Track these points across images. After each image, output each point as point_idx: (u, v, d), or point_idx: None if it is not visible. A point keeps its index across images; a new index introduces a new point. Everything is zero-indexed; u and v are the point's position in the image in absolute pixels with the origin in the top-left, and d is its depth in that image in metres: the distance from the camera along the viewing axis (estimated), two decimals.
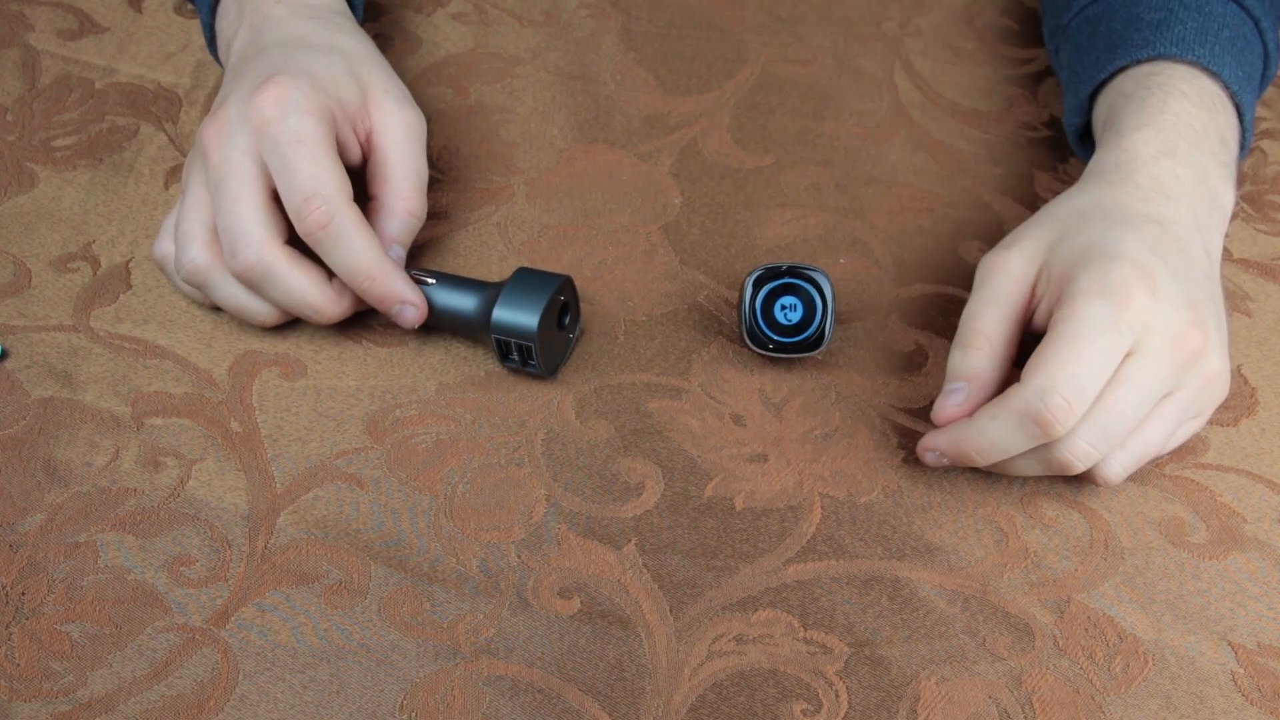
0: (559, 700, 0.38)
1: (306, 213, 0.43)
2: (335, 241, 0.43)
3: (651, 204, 0.54)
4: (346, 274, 0.44)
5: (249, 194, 0.43)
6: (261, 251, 0.43)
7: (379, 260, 0.44)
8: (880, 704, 0.39)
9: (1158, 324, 0.40)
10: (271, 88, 0.44)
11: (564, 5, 0.63)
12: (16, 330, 0.47)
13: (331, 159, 0.44)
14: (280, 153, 0.43)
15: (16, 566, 0.40)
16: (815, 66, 0.61)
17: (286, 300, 0.44)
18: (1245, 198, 0.56)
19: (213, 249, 0.44)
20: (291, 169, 0.43)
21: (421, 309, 0.45)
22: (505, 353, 0.45)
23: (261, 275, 0.43)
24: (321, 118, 0.44)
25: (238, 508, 0.42)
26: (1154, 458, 0.43)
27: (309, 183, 0.43)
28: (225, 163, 0.44)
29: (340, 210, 0.43)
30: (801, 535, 0.43)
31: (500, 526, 0.42)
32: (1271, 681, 0.40)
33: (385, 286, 0.44)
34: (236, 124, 0.44)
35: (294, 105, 0.44)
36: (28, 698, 0.37)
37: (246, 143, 0.44)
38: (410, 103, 0.49)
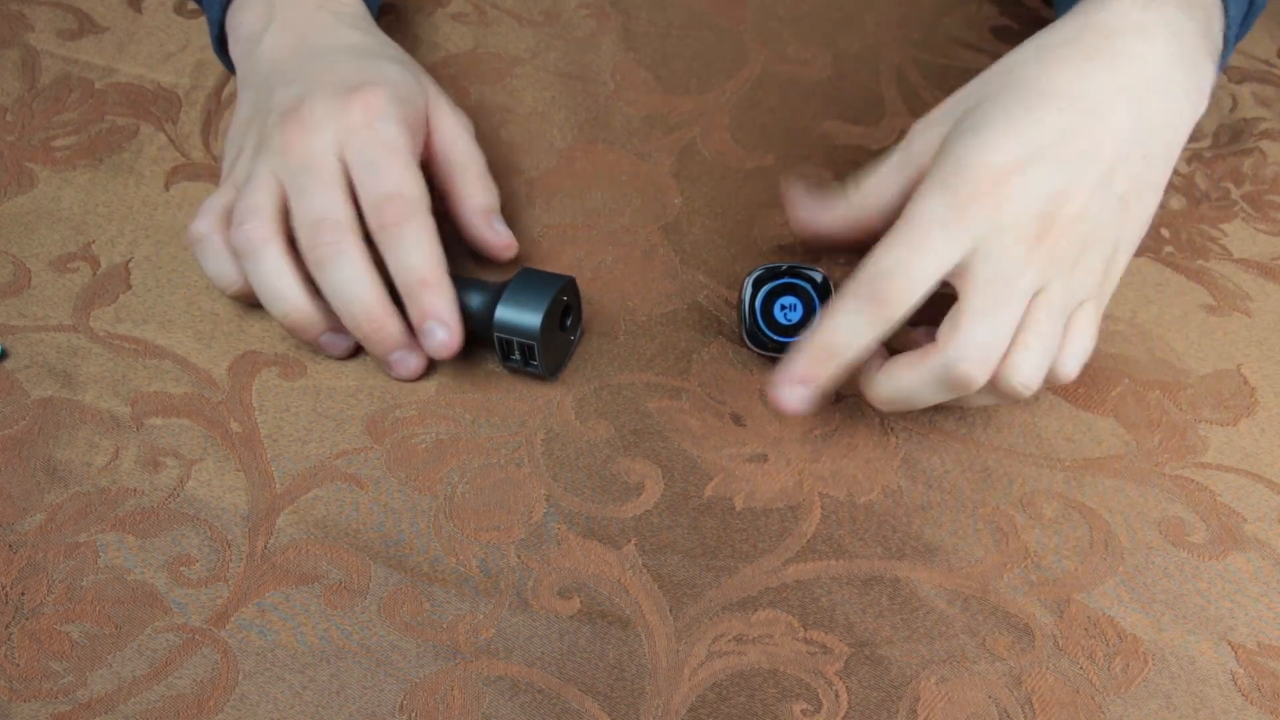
0: (559, 700, 0.38)
1: (387, 207, 0.43)
2: (405, 240, 0.43)
3: (651, 204, 0.54)
4: (404, 275, 0.44)
5: (336, 184, 0.44)
6: (345, 234, 0.43)
7: (439, 271, 0.44)
8: (880, 704, 0.39)
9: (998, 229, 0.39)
10: (363, 94, 0.45)
11: (564, 5, 0.63)
12: (16, 330, 0.47)
13: (417, 170, 0.45)
14: (370, 155, 0.44)
15: (16, 566, 0.40)
16: (815, 66, 0.61)
17: (343, 287, 0.43)
18: (1245, 198, 0.56)
19: (276, 224, 0.44)
20: (380, 170, 0.44)
21: (455, 338, 0.44)
22: (507, 352, 0.45)
23: (334, 255, 0.43)
24: (409, 130, 0.46)
25: (237, 508, 0.42)
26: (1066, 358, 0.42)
27: (395, 184, 0.44)
28: (312, 154, 0.44)
29: (420, 214, 0.44)
30: (801, 535, 0.43)
31: (500, 526, 0.42)
32: (1271, 681, 0.40)
33: (434, 298, 0.43)
34: (325, 123, 0.45)
35: (385, 114, 0.45)
36: (28, 698, 0.37)
37: (333, 140, 0.44)
38: (458, 108, 0.51)
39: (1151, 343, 0.49)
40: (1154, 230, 0.54)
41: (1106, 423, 0.47)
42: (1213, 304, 0.51)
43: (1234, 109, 0.60)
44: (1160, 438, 0.46)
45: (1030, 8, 0.65)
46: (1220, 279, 0.52)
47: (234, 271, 0.46)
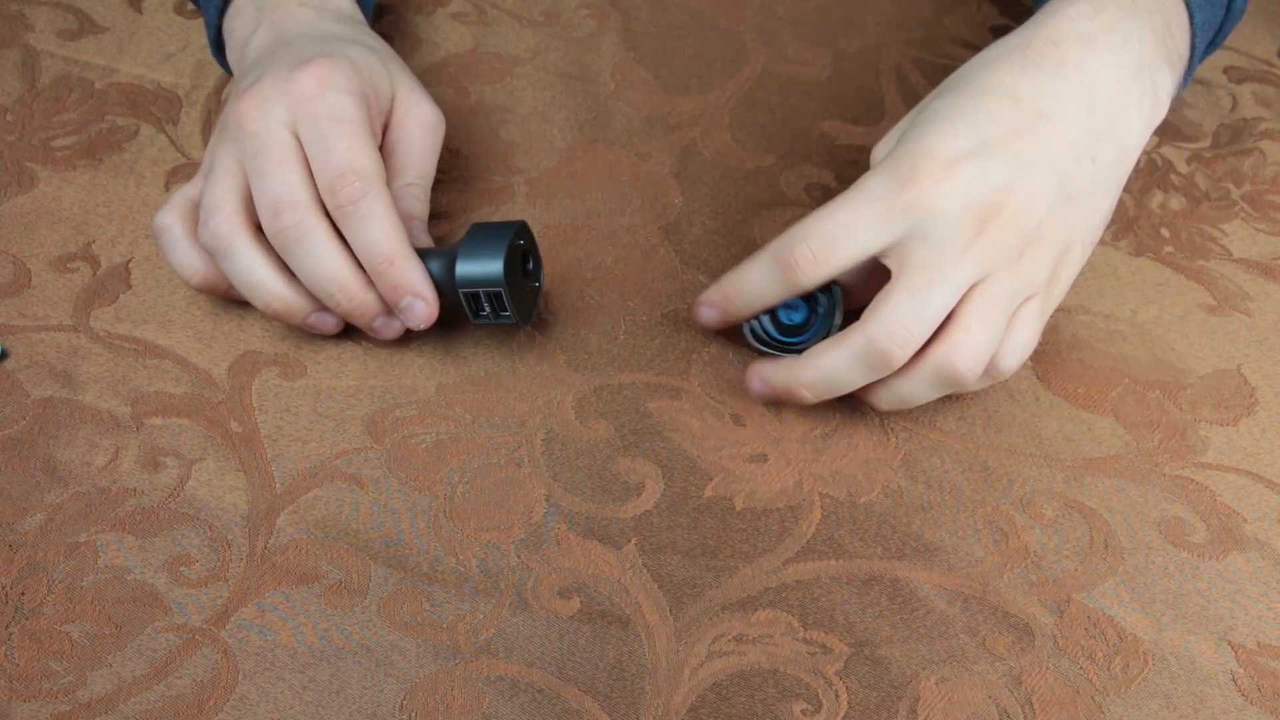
0: (559, 700, 0.38)
1: (340, 187, 0.43)
2: (363, 218, 0.43)
3: (651, 204, 0.54)
4: (367, 254, 0.43)
5: (291, 161, 0.43)
6: (306, 215, 0.43)
7: (402, 245, 0.43)
8: (880, 704, 0.39)
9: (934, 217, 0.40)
10: (313, 66, 0.44)
11: (564, 5, 0.63)
12: (16, 330, 0.47)
13: (368, 140, 0.44)
14: (318, 129, 0.43)
15: (16, 566, 0.40)
16: (815, 66, 0.61)
17: (314, 269, 0.43)
18: (1245, 198, 0.56)
19: (241, 215, 0.44)
20: (329, 145, 0.43)
21: (432, 307, 0.44)
22: (476, 308, 0.44)
23: (299, 238, 0.43)
24: (360, 100, 0.45)
25: (237, 508, 0.42)
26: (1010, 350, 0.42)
27: (346, 159, 0.43)
28: (265, 133, 0.43)
29: (374, 189, 0.43)
30: (801, 535, 0.43)
31: (500, 526, 0.42)
32: (1271, 681, 0.40)
33: (403, 273, 0.43)
34: (274, 99, 0.44)
35: (334, 84, 0.44)
36: (28, 698, 0.37)
37: (285, 116, 0.44)
38: (432, 101, 0.49)
39: (1151, 343, 0.49)
40: (1154, 230, 0.54)
41: (1106, 423, 0.47)
42: (1213, 304, 0.51)
43: (1234, 109, 0.60)
44: (1160, 438, 0.46)
45: (1030, 8, 0.65)
46: (1220, 279, 0.52)
47: (196, 261, 0.45)
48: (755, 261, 0.42)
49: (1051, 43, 0.43)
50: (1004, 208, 0.40)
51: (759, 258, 0.42)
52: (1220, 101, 0.60)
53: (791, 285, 0.41)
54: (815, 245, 0.40)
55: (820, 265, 0.40)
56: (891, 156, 0.41)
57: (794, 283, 0.41)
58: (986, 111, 0.41)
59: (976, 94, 0.42)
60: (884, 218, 0.40)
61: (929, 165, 0.40)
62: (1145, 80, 0.44)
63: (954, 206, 0.40)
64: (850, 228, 0.40)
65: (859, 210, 0.40)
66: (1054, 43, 0.43)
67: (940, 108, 0.42)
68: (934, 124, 0.41)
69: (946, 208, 0.39)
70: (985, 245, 0.40)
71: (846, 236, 0.40)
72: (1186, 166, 0.57)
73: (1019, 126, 0.41)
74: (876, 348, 0.40)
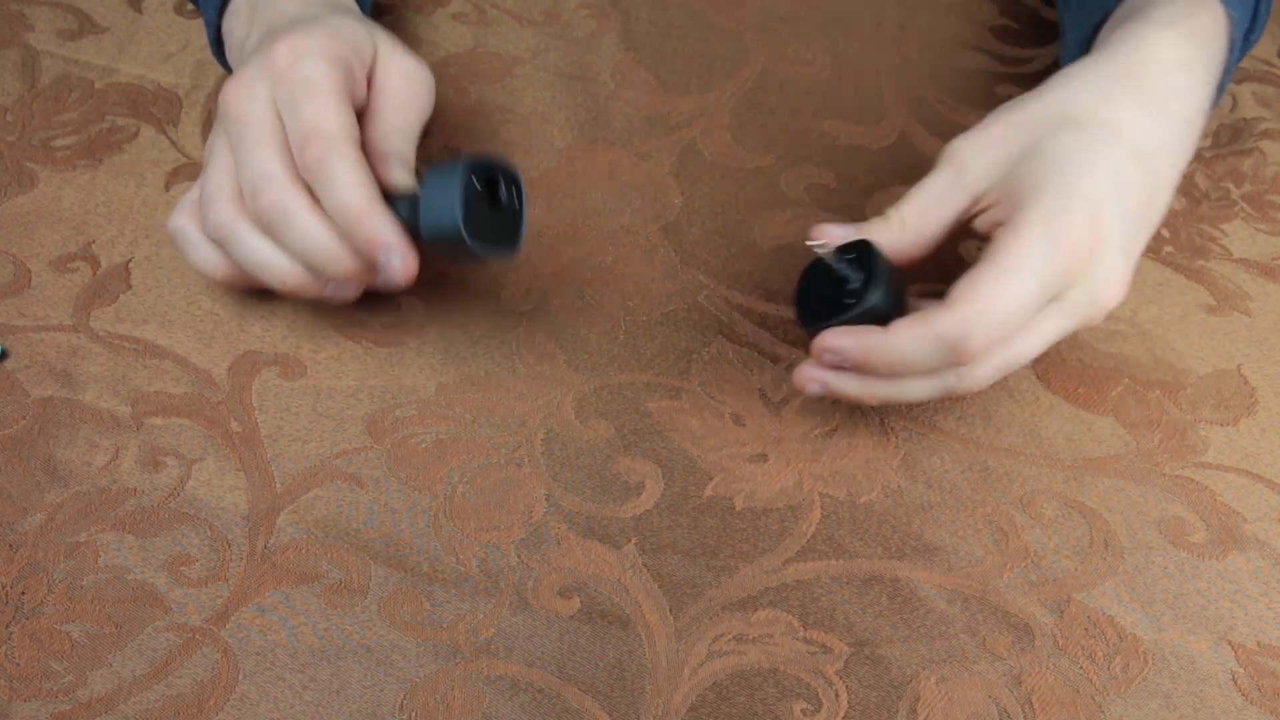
0: (559, 700, 0.38)
1: (306, 147, 0.42)
2: (329, 178, 0.42)
3: (651, 204, 0.54)
4: (338, 215, 0.42)
5: (268, 138, 0.43)
6: (283, 192, 0.42)
7: (370, 202, 0.42)
8: (880, 704, 0.39)
9: (1087, 280, 0.40)
10: (288, 38, 0.44)
11: (564, 5, 0.63)
12: (16, 330, 0.47)
13: (338, 101, 0.43)
14: (289, 95, 0.43)
15: (16, 566, 0.40)
16: (815, 66, 0.61)
17: (304, 246, 0.43)
18: (1245, 198, 0.56)
19: (238, 203, 0.43)
20: (297, 110, 0.42)
21: (410, 263, 0.42)
22: (454, 258, 0.43)
23: (281, 216, 0.42)
24: (335, 64, 0.44)
25: (238, 507, 0.42)
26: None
27: (310, 120, 0.42)
28: (244, 114, 0.43)
29: (338, 147, 0.42)
30: (801, 535, 0.43)
31: (500, 526, 0.42)
32: (1271, 681, 0.40)
33: (370, 229, 0.42)
34: (255, 77, 0.44)
35: (307, 51, 0.43)
36: (28, 698, 0.37)
37: (264, 93, 0.43)
38: (416, 57, 0.48)
39: (1151, 343, 0.49)
40: None
41: (1106, 423, 0.47)
42: (1213, 304, 0.51)
43: (1234, 109, 0.60)
44: (1160, 437, 0.46)
45: (1030, 7, 0.65)
46: (1220, 279, 0.52)
47: (215, 257, 0.45)
48: (920, 341, 0.39)
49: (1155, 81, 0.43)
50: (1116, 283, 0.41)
51: (925, 337, 0.39)
52: (1220, 101, 0.60)
53: (959, 365, 0.40)
54: (994, 330, 0.39)
55: (997, 342, 0.39)
56: (1042, 211, 0.40)
57: (965, 364, 0.40)
58: (1114, 163, 0.41)
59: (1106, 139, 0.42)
60: (1047, 291, 0.40)
61: (1083, 231, 0.39)
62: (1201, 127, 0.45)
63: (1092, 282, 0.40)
64: (1022, 306, 0.39)
65: (1029, 286, 0.39)
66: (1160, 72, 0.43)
67: (1068, 152, 0.41)
68: (1081, 170, 0.40)
69: (1096, 274, 0.40)
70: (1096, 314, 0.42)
71: (1018, 315, 0.39)
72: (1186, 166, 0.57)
73: (1141, 182, 0.42)
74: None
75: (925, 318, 0.40)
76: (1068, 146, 0.41)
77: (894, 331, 0.40)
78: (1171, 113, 0.43)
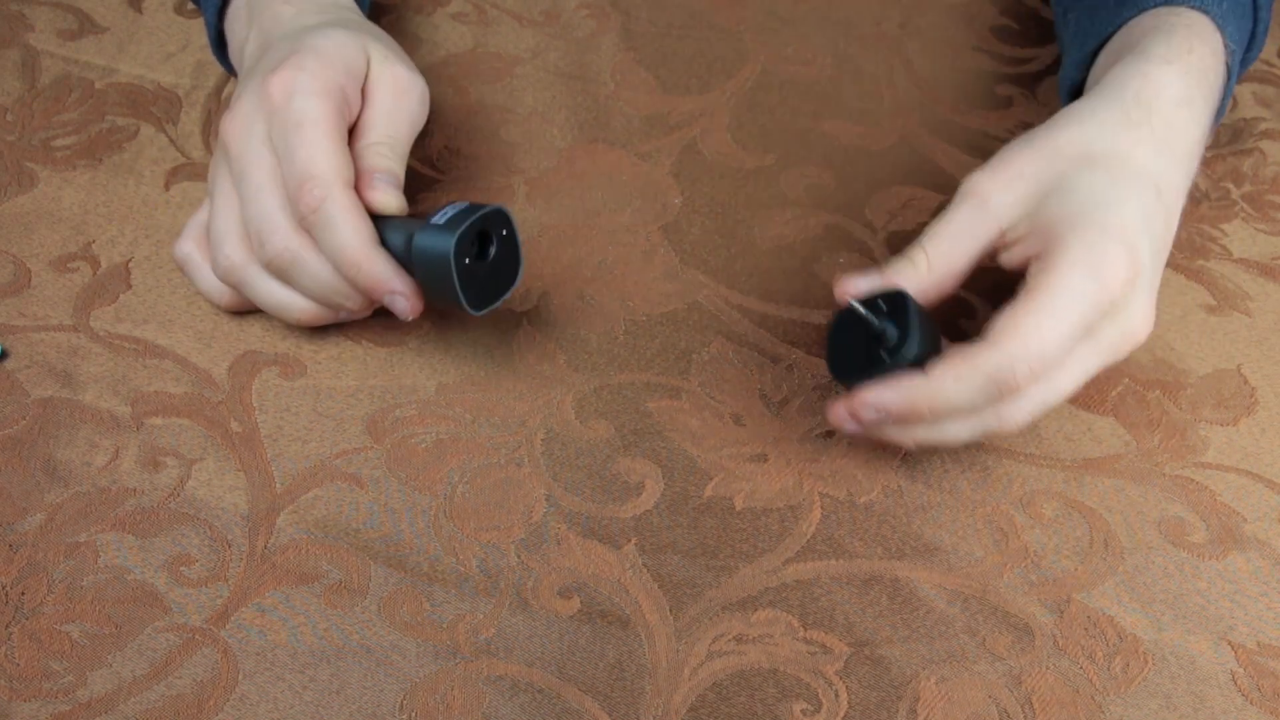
0: (559, 700, 0.38)
1: (300, 195, 0.42)
2: (325, 226, 0.42)
3: (651, 204, 0.54)
4: (336, 261, 0.43)
5: (270, 183, 0.43)
6: (288, 239, 0.43)
7: (365, 247, 0.42)
8: (880, 704, 0.39)
9: (1121, 315, 0.40)
10: (280, 73, 0.44)
11: (564, 5, 0.63)
12: (16, 330, 0.47)
13: (331, 140, 0.43)
14: (283, 138, 0.43)
15: (16, 566, 0.40)
16: (815, 66, 0.61)
17: (315, 288, 0.43)
18: (1245, 198, 0.56)
19: (246, 245, 0.44)
20: (290, 153, 0.43)
21: (412, 300, 0.43)
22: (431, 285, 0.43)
23: (290, 263, 0.43)
24: (326, 96, 0.44)
25: (237, 508, 0.42)
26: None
27: (304, 166, 0.42)
28: (244, 154, 0.43)
29: (332, 194, 0.42)
30: (801, 535, 0.43)
31: (500, 526, 0.42)
32: (1271, 681, 0.40)
33: (371, 275, 0.43)
34: (253, 115, 0.44)
35: (299, 87, 0.43)
36: (28, 698, 0.37)
37: (263, 131, 0.44)
38: (409, 65, 0.48)
39: (1151, 343, 0.49)
40: None
41: (1106, 423, 0.47)
42: (1213, 304, 0.51)
43: (1234, 109, 0.60)
44: (1160, 438, 0.46)
45: (1030, 7, 0.65)
46: (1220, 279, 0.52)
47: (221, 287, 0.46)
48: (964, 382, 0.39)
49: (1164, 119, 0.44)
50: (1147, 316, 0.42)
51: (968, 377, 0.39)
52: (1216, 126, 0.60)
53: (1003, 402, 0.39)
54: (1039, 364, 0.39)
55: (1039, 377, 0.39)
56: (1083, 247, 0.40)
57: (1008, 400, 0.39)
58: (1140, 199, 0.42)
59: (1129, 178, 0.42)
60: (1088, 325, 0.40)
61: (1122, 266, 0.40)
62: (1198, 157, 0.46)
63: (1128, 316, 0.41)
64: (1065, 339, 0.39)
65: (1073, 320, 0.39)
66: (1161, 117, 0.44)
67: (1101, 188, 0.41)
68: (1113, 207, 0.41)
69: (1131, 309, 0.41)
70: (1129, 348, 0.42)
71: (1061, 349, 0.39)
72: None
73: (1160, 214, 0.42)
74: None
75: (968, 356, 0.39)
76: (1099, 183, 0.41)
77: (935, 375, 0.39)
78: (1177, 150, 0.44)
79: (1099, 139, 0.43)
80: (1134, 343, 0.41)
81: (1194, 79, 0.45)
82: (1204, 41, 0.46)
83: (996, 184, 0.43)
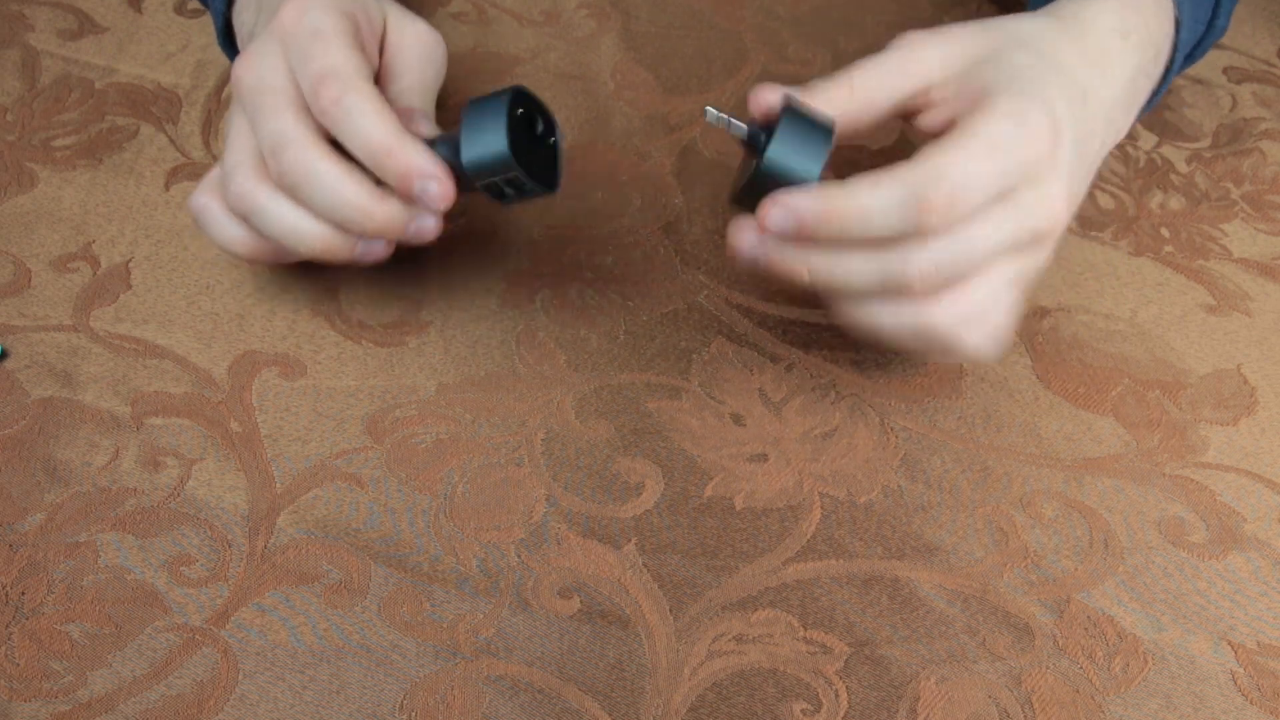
0: (559, 700, 0.38)
1: (321, 89, 0.41)
2: (348, 115, 0.41)
3: (651, 204, 0.54)
4: (364, 151, 0.41)
5: (284, 100, 0.42)
6: (303, 150, 0.41)
7: (397, 133, 0.41)
8: (880, 704, 0.39)
9: (1040, 185, 0.39)
10: (292, 1, 0.43)
11: (564, 5, 0.63)
12: (16, 330, 0.47)
13: (350, 46, 0.42)
14: (298, 48, 0.42)
15: (16, 566, 0.40)
16: (815, 66, 0.61)
17: (330, 200, 0.42)
18: (1245, 198, 0.56)
19: (259, 172, 0.43)
20: (306, 59, 0.42)
21: (447, 185, 0.41)
22: (498, 193, 0.43)
23: (304, 174, 0.41)
24: (341, 15, 0.43)
25: (238, 508, 0.42)
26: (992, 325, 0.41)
27: (322, 63, 0.41)
28: (258, 81, 0.42)
29: (354, 85, 0.41)
30: (801, 535, 0.43)
31: (500, 526, 0.43)
32: (1271, 681, 0.40)
33: (405, 159, 0.41)
34: (264, 45, 0.43)
35: (313, 4, 0.43)
36: (28, 698, 0.37)
37: (275, 58, 0.43)
38: (428, 24, 0.48)
39: (1151, 343, 0.49)
40: (1154, 230, 0.54)
41: (1106, 422, 0.47)
42: (1213, 304, 0.51)
43: (1234, 109, 0.60)
44: (1160, 437, 0.46)
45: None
46: (1220, 279, 0.52)
47: (237, 231, 0.44)
48: (881, 190, 0.38)
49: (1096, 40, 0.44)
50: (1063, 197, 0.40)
51: (886, 186, 0.38)
52: (1220, 101, 0.60)
53: (918, 229, 0.38)
54: (960, 191, 0.38)
55: (957, 212, 0.38)
56: (1013, 104, 0.39)
57: (925, 227, 0.38)
58: (1065, 91, 0.41)
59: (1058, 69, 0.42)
60: (1010, 174, 0.39)
61: (1045, 129, 0.39)
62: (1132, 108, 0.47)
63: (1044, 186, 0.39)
64: (988, 176, 0.38)
65: (997, 160, 0.38)
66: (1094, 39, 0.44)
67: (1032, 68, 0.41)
68: (1040, 83, 0.41)
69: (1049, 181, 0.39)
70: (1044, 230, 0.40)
71: (983, 184, 0.38)
72: (1186, 166, 0.57)
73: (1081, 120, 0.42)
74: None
75: (887, 170, 0.38)
76: (1027, 63, 0.42)
77: (852, 182, 0.38)
78: (1107, 71, 0.44)
79: (1032, 35, 0.43)
80: (1049, 222, 0.40)
81: (1131, 13, 0.45)
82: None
83: (930, 42, 0.43)
